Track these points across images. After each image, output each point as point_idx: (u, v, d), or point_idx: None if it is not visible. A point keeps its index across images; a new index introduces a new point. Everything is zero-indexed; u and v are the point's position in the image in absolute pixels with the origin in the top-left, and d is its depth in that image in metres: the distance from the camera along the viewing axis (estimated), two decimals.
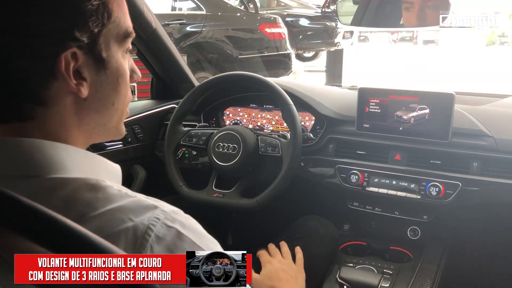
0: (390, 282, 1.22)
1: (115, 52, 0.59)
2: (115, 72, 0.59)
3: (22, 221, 0.45)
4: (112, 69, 0.58)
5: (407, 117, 1.31)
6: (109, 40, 0.57)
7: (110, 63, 0.58)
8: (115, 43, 0.58)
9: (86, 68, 0.55)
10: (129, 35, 0.61)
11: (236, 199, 1.32)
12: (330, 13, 7.16)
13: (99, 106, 0.59)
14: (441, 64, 10.89)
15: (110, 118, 0.62)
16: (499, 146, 1.23)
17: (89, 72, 0.56)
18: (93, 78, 0.56)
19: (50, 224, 0.44)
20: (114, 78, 0.59)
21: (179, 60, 1.65)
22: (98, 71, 0.57)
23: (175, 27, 5.29)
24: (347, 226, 1.50)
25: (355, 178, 1.34)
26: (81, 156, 0.57)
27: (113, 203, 0.52)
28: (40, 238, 0.45)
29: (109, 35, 0.57)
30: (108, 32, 0.57)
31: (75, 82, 0.54)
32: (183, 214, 0.56)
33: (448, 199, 1.23)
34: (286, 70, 5.76)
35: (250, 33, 5.54)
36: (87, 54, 0.55)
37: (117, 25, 0.58)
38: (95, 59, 0.56)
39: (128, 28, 0.60)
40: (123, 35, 0.59)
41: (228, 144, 1.34)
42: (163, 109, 1.65)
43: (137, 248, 0.49)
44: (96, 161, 0.59)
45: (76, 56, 0.53)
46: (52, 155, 0.53)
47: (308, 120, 1.54)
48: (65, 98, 0.55)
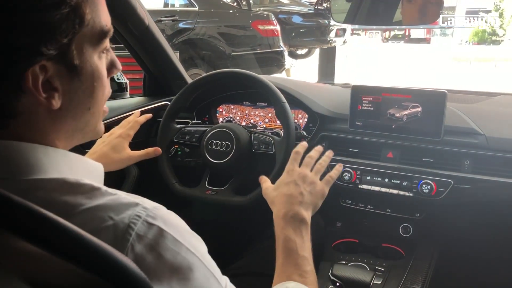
0: (382, 279, 1.22)
1: (90, 56, 0.55)
2: (90, 77, 0.55)
3: (13, 219, 0.44)
4: (87, 74, 0.55)
5: (399, 115, 1.31)
6: (82, 45, 0.53)
7: (84, 68, 0.54)
8: (89, 47, 0.54)
9: (58, 78, 0.52)
10: (106, 34, 0.56)
11: (229, 196, 1.31)
12: (323, 11, 7.18)
13: (75, 113, 0.56)
14: (434, 63, 10.95)
15: (87, 122, 0.59)
16: (490, 144, 1.24)
17: (61, 82, 0.52)
18: (66, 87, 0.53)
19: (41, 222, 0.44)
20: (89, 83, 0.56)
21: (172, 57, 1.64)
22: (71, 79, 0.53)
23: (167, 23, 5.27)
24: (339, 224, 1.50)
25: (348, 175, 1.34)
26: (60, 156, 0.55)
27: (93, 202, 0.51)
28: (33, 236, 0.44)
29: (82, 40, 0.53)
30: (81, 37, 0.53)
31: (44, 95, 0.51)
32: (165, 210, 0.55)
33: (440, 197, 1.24)
34: (279, 67, 5.78)
35: (243, 30, 5.54)
36: (57, 64, 0.51)
37: (91, 27, 0.53)
38: (67, 67, 0.52)
39: (104, 27, 0.56)
40: (98, 36, 0.55)
41: (221, 142, 1.33)
42: (156, 106, 1.64)
43: (118, 247, 0.48)
44: (76, 160, 0.58)
45: (45, 68, 0.50)
46: (28, 157, 0.52)
47: (301, 118, 1.54)
48: (37, 108, 0.52)
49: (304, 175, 0.97)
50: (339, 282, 1.21)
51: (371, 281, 1.19)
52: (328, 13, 6.91)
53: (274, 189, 0.98)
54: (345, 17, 1.52)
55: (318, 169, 1.02)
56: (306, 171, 0.99)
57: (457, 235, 1.47)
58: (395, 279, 1.23)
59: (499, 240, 1.46)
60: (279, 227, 0.89)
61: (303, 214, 0.90)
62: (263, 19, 5.53)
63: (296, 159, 1.01)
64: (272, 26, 5.53)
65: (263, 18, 5.56)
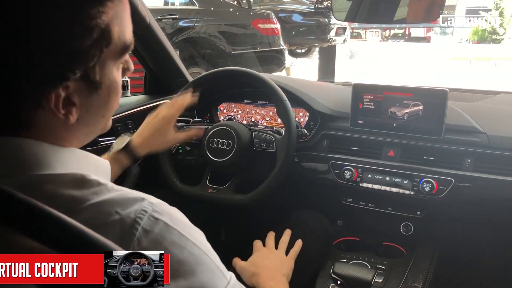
0: (383, 278, 1.22)
1: (110, 70, 0.55)
2: (107, 90, 0.56)
3: (17, 216, 0.44)
4: (105, 88, 0.55)
5: (400, 113, 1.31)
6: (105, 62, 0.53)
7: (104, 83, 0.54)
8: (111, 62, 0.55)
9: (77, 94, 0.52)
10: (128, 48, 0.56)
11: (230, 194, 1.31)
12: (323, 9, 7.18)
13: (89, 122, 0.57)
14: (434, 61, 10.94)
15: (99, 126, 0.61)
16: (491, 142, 1.24)
17: (79, 97, 0.53)
18: (84, 101, 0.54)
19: (44, 219, 0.44)
20: (105, 95, 0.56)
21: (173, 55, 1.64)
22: (90, 94, 0.54)
23: (167, 22, 5.27)
24: (340, 222, 1.51)
25: (349, 174, 1.35)
26: (68, 152, 0.56)
27: (100, 197, 0.51)
28: (35, 233, 0.44)
29: (106, 58, 0.53)
30: (106, 54, 0.53)
31: (63, 112, 0.52)
32: (169, 206, 0.56)
33: (441, 195, 1.24)
34: (279, 66, 5.77)
35: (243, 28, 5.53)
36: (79, 81, 0.51)
37: (117, 44, 0.54)
38: (88, 84, 0.53)
39: (127, 41, 0.56)
40: (121, 51, 0.55)
41: (223, 140, 1.33)
42: (157, 104, 1.64)
43: (125, 241, 0.48)
44: (83, 157, 0.58)
45: (67, 87, 0.51)
46: (37, 153, 0.52)
47: (302, 116, 1.54)
48: (53, 121, 0.53)
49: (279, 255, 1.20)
50: (340, 280, 1.21)
51: (373, 279, 1.19)
52: (328, 11, 6.91)
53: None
54: (346, 15, 1.51)
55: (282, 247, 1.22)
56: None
57: (458, 233, 1.47)
58: (396, 277, 1.23)
59: (500, 238, 1.46)
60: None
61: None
62: (263, 18, 5.52)
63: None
64: (273, 25, 5.52)
65: (263, 17, 5.55)
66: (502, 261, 1.53)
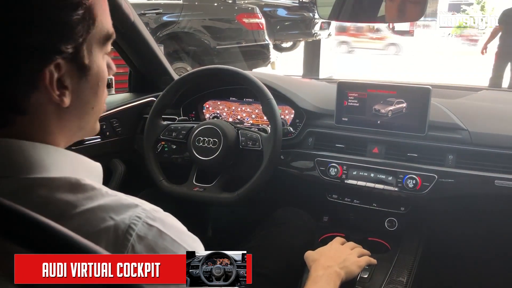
0: (369, 273, 1.24)
1: (97, 56, 0.57)
2: (96, 77, 0.58)
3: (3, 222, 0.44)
4: (93, 74, 0.57)
5: (385, 110, 1.33)
6: (91, 45, 0.56)
7: (92, 69, 0.56)
8: (97, 47, 0.57)
9: (68, 77, 0.54)
10: (111, 37, 0.59)
11: (216, 193, 1.32)
12: (308, 4, 7.16)
13: (80, 112, 0.58)
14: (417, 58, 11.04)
15: (89, 121, 0.61)
16: (473, 139, 1.27)
17: (71, 81, 0.54)
18: (75, 86, 0.55)
19: (29, 225, 0.44)
20: (94, 83, 0.58)
21: (158, 53, 1.63)
22: (80, 78, 0.55)
23: (151, 16, 5.22)
24: (326, 218, 1.52)
25: (334, 171, 1.36)
26: (61, 155, 0.56)
27: (94, 202, 0.51)
28: (20, 238, 0.44)
29: (92, 40, 0.55)
30: (92, 38, 0.55)
31: (58, 92, 0.53)
32: (163, 212, 0.56)
33: (425, 191, 1.26)
34: (264, 60, 5.76)
35: (228, 23, 5.50)
36: (70, 62, 0.53)
37: (100, 29, 0.56)
38: (78, 66, 0.54)
39: (109, 30, 0.58)
40: (104, 38, 0.58)
41: (209, 139, 1.33)
42: (142, 102, 1.63)
43: (118, 247, 0.48)
44: (77, 160, 0.58)
45: (59, 66, 0.52)
46: (30, 155, 0.52)
47: (288, 114, 1.54)
48: (47, 106, 0.54)
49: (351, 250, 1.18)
50: None
51: (358, 275, 1.21)
52: (313, 6, 6.91)
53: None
54: (330, 13, 1.52)
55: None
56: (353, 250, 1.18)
57: (442, 228, 1.50)
58: (381, 272, 1.25)
59: (482, 233, 1.49)
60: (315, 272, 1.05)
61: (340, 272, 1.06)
62: (248, 12, 5.50)
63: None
64: (257, 19, 5.50)
65: (248, 11, 5.53)
66: (485, 255, 1.56)
